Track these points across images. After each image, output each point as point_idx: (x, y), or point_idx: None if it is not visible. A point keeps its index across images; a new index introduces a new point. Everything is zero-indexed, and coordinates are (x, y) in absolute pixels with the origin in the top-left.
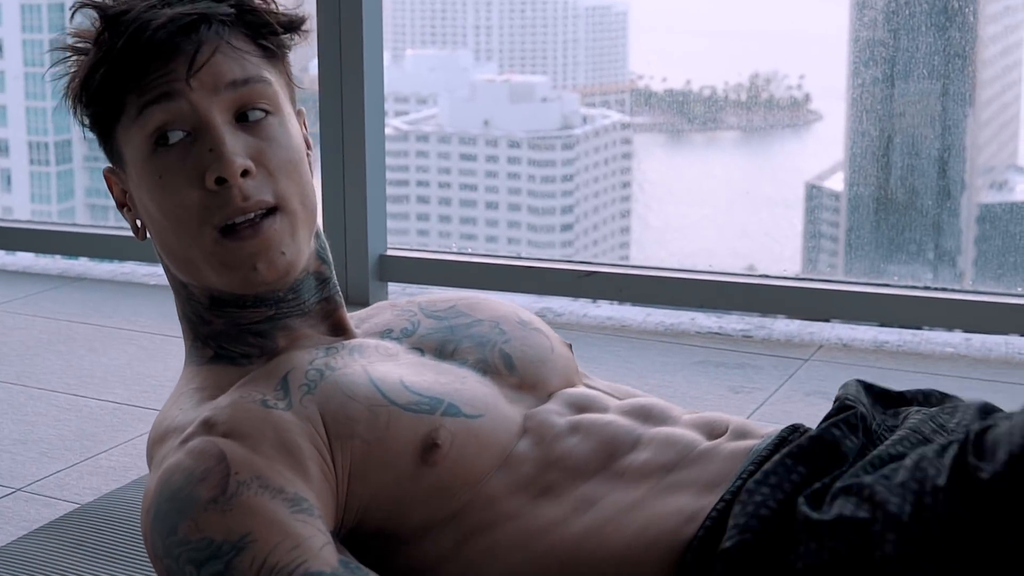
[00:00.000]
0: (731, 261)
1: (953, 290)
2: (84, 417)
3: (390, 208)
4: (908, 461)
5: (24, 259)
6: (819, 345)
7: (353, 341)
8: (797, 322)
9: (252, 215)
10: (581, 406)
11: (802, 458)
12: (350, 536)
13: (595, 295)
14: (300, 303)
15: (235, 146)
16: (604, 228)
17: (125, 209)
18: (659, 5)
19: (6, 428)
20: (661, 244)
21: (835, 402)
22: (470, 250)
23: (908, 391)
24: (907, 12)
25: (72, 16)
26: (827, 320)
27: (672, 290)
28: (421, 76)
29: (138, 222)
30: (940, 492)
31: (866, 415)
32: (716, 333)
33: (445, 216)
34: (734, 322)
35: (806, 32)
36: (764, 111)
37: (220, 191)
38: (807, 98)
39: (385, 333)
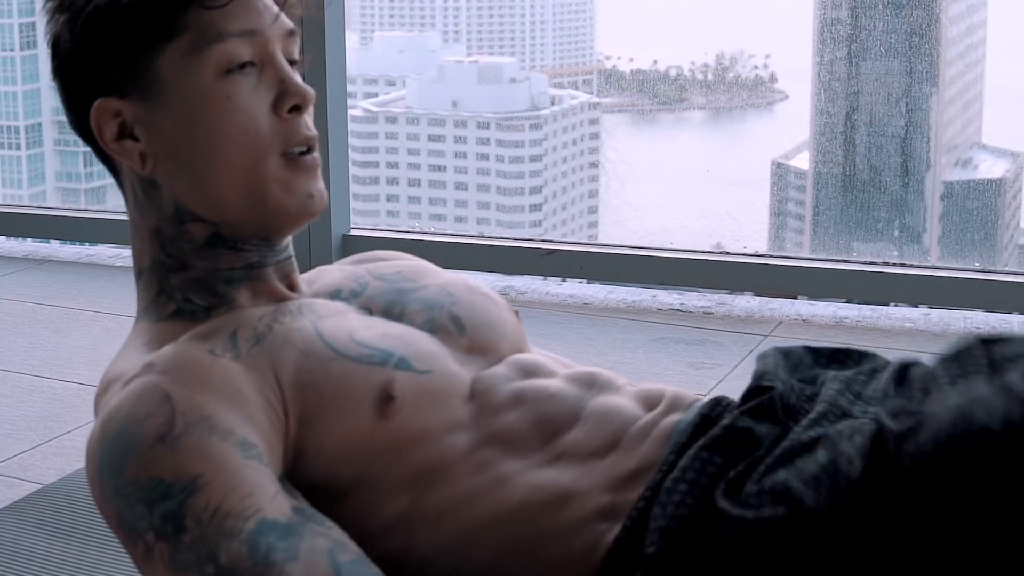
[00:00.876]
0: (698, 239)
1: (917, 266)
2: (48, 398)
3: (359, 189)
4: (821, 452)
5: None
6: (779, 321)
7: (303, 300)
8: (758, 299)
9: (307, 147)
10: (530, 371)
11: (717, 448)
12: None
13: (557, 273)
14: (275, 254)
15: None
16: (573, 208)
17: (127, 140)
18: None
19: None
20: (629, 223)
21: (752, 379)
22: (433, 230)
23: (826, 348)
24: None
25: None
26: (794, 297)
27: (634, 268)
28: (390, 58)
29: (144, 155)
30: (856, 483)
31: (784, 392)
32: (677, 310)
33: (414, 197)
34: (695, 299)
35: (771, 12)
36: (730, 91)
37: (290, 119)
38: (772, 77)
39: (334, 294)
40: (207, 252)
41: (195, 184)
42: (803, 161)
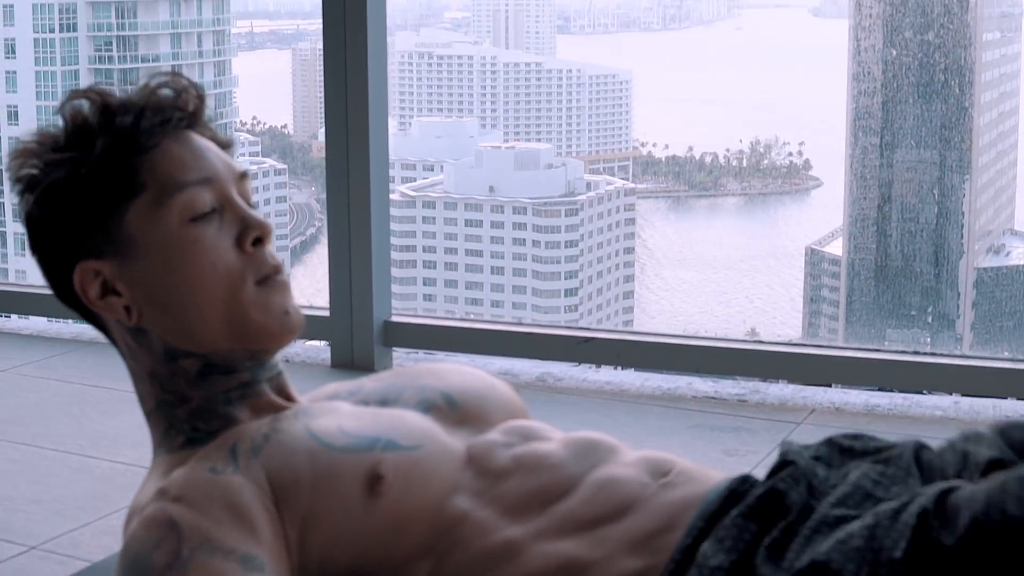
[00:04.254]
0: (733, 326)
1: (949, 355)
2: (96, 478)
3: (397, 273)
4: (862, 524)
5: (37, 323)
6: (812, 409)
7: (299, 407)
8: (791, 386)
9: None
10: (525, 435)
11: (752, 516)
12: None
13: (594, 360)
14: (267, 371)
15: None
16: (608, 293)
17: (111, 297)
18: (661, 74)
19: (22, 488)
20: (664, 308)
21: (779, 457)
22: (472, 315)
23: (839, 436)
24: (904, 82)
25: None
26: (828, 385)
27: (670, 356)
28: (427, 143)
29: (128, 307)
30: (897, 562)
31: (807, 470)
32: (712, 397)
33: (451, 281)
34: (729, 386)
35: (805, 100)
36: (764, 177)
37: (256, 252)
38: (807, 164)
39: (332, 396)
40: (202, 382)
41: (180, 324)
42: (837, 247)
